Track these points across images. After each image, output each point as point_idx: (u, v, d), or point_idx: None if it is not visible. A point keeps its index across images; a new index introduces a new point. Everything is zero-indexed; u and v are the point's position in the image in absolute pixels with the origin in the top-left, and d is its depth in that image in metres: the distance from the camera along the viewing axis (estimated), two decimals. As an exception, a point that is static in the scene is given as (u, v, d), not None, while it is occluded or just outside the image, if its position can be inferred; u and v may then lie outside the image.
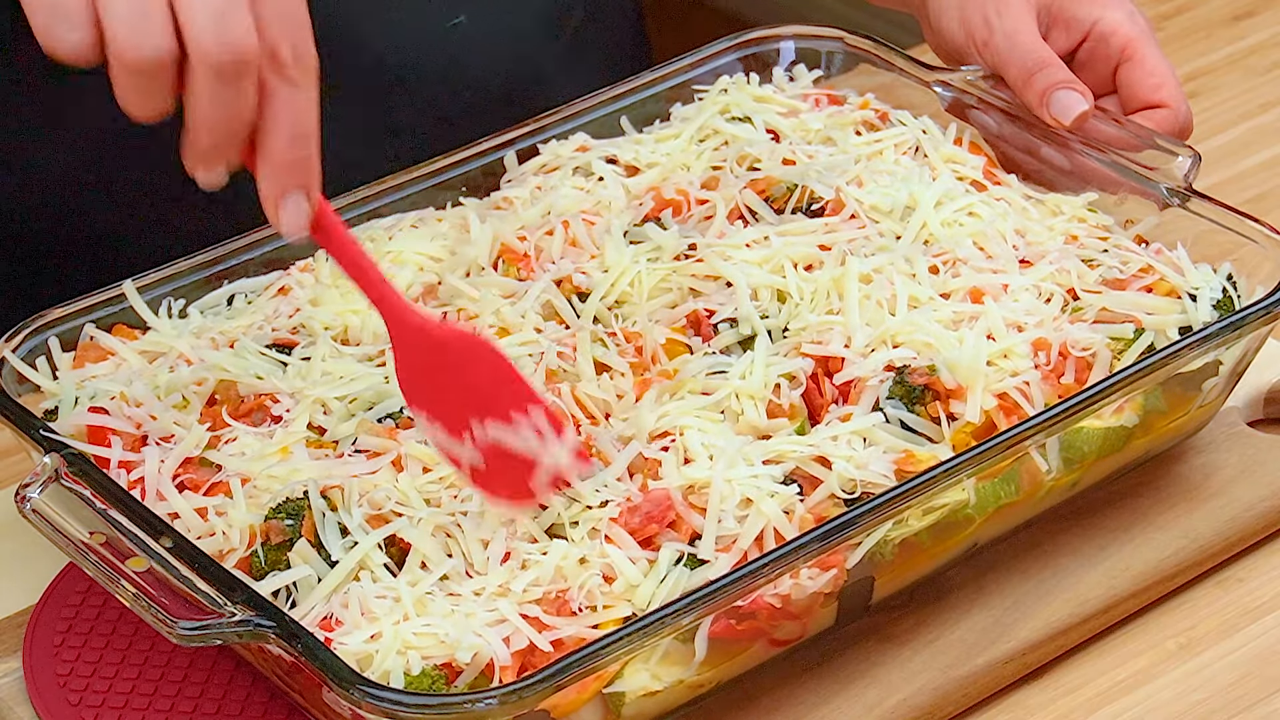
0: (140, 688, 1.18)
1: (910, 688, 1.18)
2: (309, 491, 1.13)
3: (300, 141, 1.04)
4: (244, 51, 1.01)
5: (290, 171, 1.04)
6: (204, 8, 1.00)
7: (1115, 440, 1.23)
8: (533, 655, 1.07)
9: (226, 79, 1.01)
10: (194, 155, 1.04)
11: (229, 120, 1.02)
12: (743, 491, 1.13)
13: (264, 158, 1.04)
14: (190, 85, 1.02)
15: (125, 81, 1.01)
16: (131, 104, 1.02)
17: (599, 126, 1.43)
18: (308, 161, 1.04)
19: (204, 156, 1.03)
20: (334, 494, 1.14)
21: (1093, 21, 1.39)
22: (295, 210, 1.05)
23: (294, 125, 1.03)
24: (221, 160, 1.04)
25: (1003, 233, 1.30)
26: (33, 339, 1.26)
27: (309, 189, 1.05)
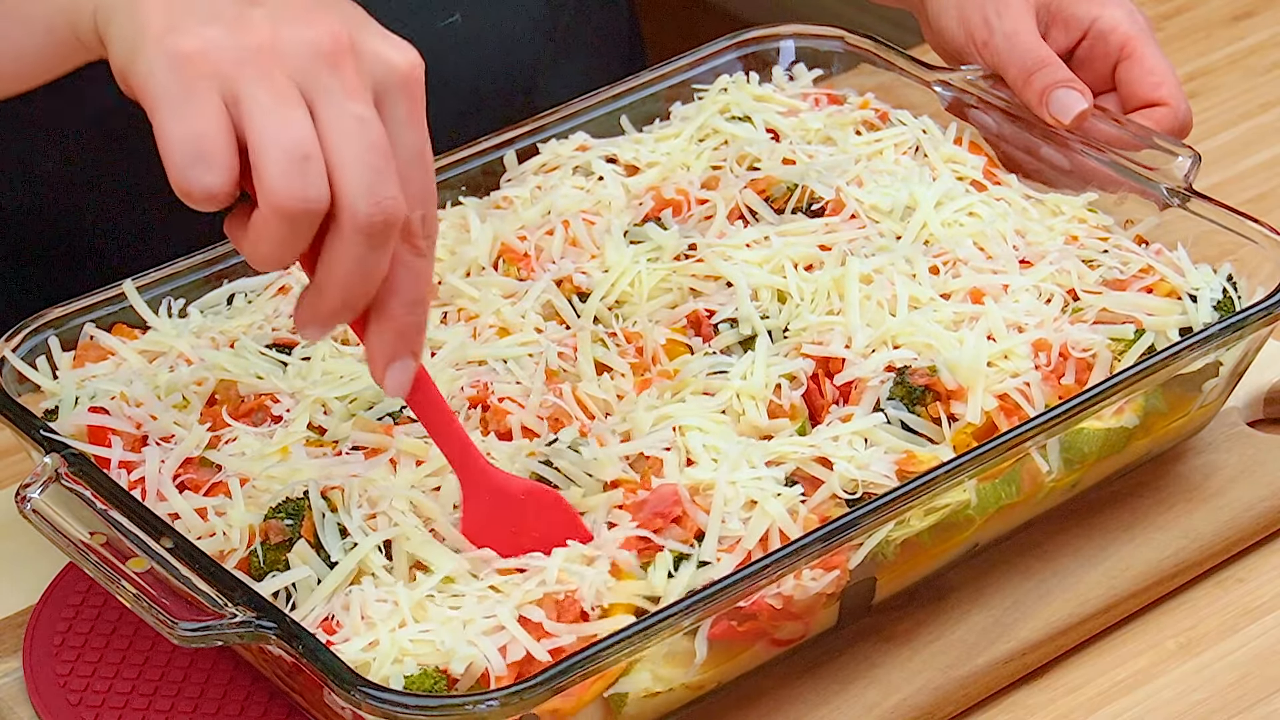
0: (140, 688, 1.18)
1: (910, 688, 1.18)
2: (309, 492, 1.13)
3: (417, 308, 1.04)
4: (394, 216, 1.00)
5: (404, 337, 1.04)
6: (362, 166, 0.99)
7: (1116, 441, 1.23)
8: (530, 664, 1.07)
9: (373, 243, 1.00)
10: (318, 313, 1.03)
11: (364, 282, 1.01)
12: (746, 493, 1.13)
13: (381, 320, 1.04)
14: (334, 243, 1.00)
15: (273, 228, 0.99)
16: (268, 251, 1.00)
17: (599, 126, 1.43)
18: (420, 328, 1.05)
19: (329, 316, 1.03)
20: (334, 494, 1.14)
21: (1092, 19, 1.40)
22: (403, 373, 1.05)
23: (414, 292, 1.04)
24: (342, 320, 1.03)
25: (1003, 233, 1.30)
26: (33, 338, 1.26)
27: (417, 353, 1.06)
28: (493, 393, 1.20)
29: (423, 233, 1.03)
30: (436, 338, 1.24)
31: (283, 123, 0.98)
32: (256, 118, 0.99)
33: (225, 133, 0.99)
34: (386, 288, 1.03)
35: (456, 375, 1.21)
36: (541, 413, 1.20)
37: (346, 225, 1.00)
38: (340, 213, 1.00)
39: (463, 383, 1.21)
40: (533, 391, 1.20)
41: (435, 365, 1.22)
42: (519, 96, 1.52)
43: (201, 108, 0.98)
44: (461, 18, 1.49)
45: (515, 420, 1.19)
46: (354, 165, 0.99)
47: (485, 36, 1.51)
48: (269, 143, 0.98)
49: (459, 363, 1.23)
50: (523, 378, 1.21)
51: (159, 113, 0.99)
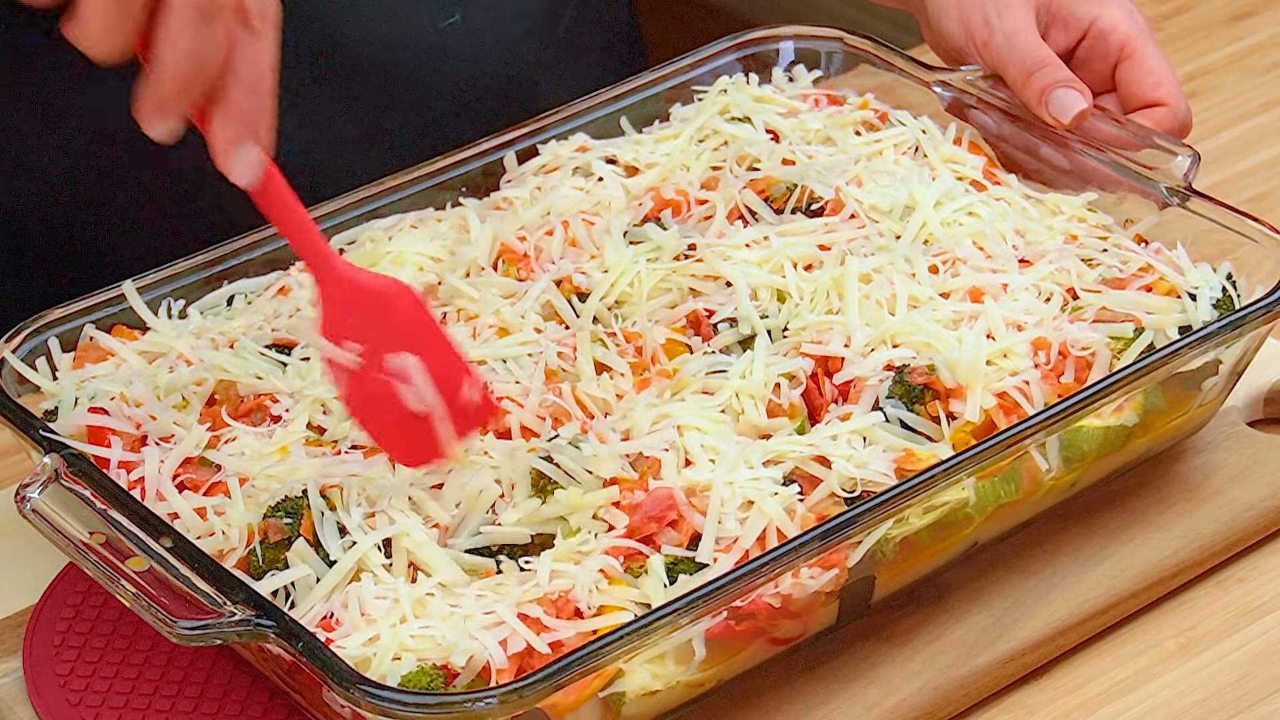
0: (140, 688, 1.18)
1: (910, 688, 1.18)
2: (308, 490, 1.13)
3: (257, 90, 1.03)
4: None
5: (246, 120, 1.03)
6: None
7: (1115, 439, 1.23)
8: (531, 658, 1.07)
9: (205, 15, 0.99)
10: (155, 100, 1.01)
11: (198, 63, 1.00)
12: (744, 494, 1.13)
13: (221, 106, 1.02)
14: (164, 23, 1.00)
15: (100, 4, 0.98)
16: (99, 33, 0.99)
17: (599, 126, 1.43)
18: (263, 111, 1.04)
19: (165, 102, 1.01)
20: (333, 494, 1.14)
21: (1091, 19, 1.40)
22: (248, 159, 1.04)
23: (253, 74, 1.03)
24: (181, 107, 1.02)
25: (1002, 232, 1.30)
26: (33, 339, 1.26)
27: (262, 139, 1.04)
28: (492, 392, 1.20)
29: (258, 12, 1.02)
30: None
31: None
32: None
33: None
34: (225, 72, 1.02)
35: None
36: (541, 412, 1.20)
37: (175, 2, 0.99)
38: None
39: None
40: (532, 391, 1.20)
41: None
42: (519, 97, 1.52)
43: None
44: (461, 18, 1.49)
45: (514, 420, 1.19)
46: None
47: (485, 37, 1.51)
48: None
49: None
50: (522, 377, 1.21)
51: None
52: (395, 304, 1.12)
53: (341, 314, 1.11)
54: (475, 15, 1.50)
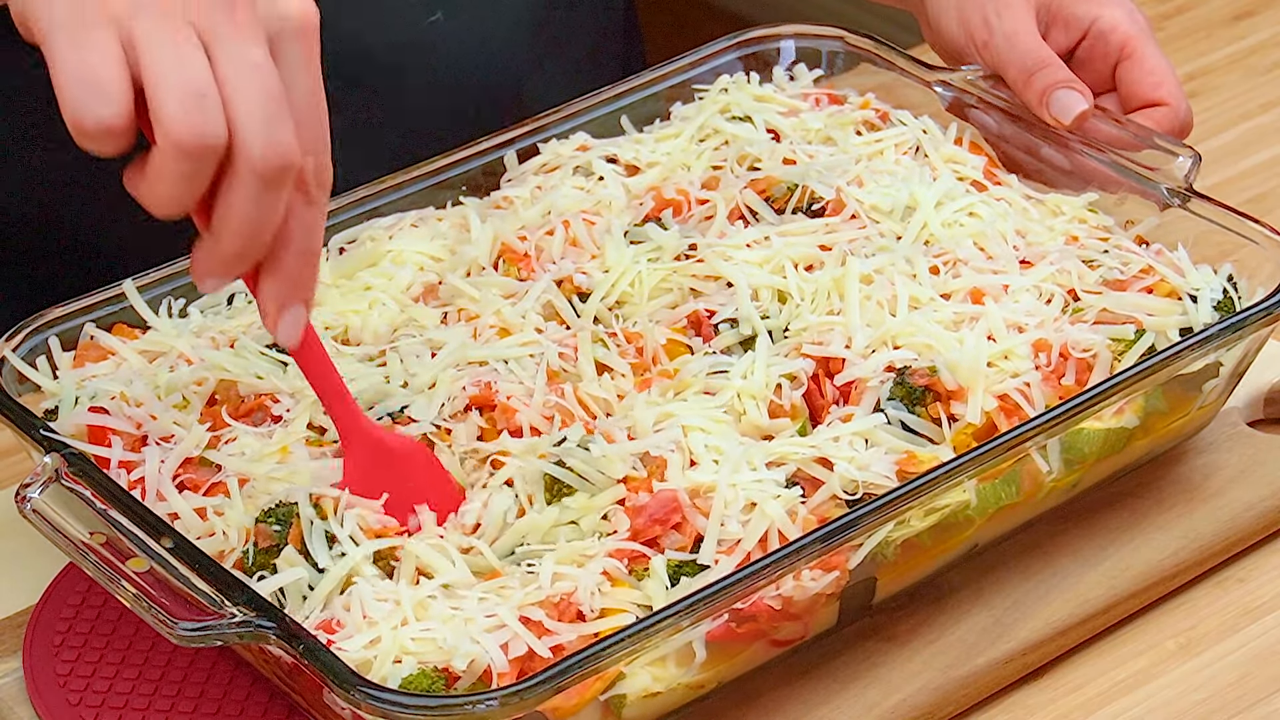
0: (140, 688, 1.18)
1: (910, 688, 1.18)
2: (299, 500, 1.13)
3: (309, 258, 1.05)
4: (290, 160, 1.01)
5: (296, 286, 1.05)
6: (258, 108, 1.00)
7: (1116, 441, 1.23)
8: (532, 661, 1.07)
9: (270, 185, 1.01)
10: (215, 261, 1.03)
11: (260, 227, 1.02)
12: (747, 496, 1.13)
13: (274, 269, 1.05)
14: (230, 187, 1.01)
15: (171, 166, 0.99)
16: (165, 191, 1.00)
17: (599, 126, 1.43)
18: (312, 278, 1.06)
19: (226, 263, 1.03)
20: (326, 502, 1.14)
21: (1092, 19, 1.40)
22: (295, 322, 1.07)
23: (306, 241, 1.05)
24: (237, 270, 1.04)
25: (1003, 233, 1.30)
26: (33, 338, 1.26)
27: (308, 302, 1.07)
28: (498, 391, 1.20)
29: (315, 181, 1.04)
30: (437, 338, 1.25)
31: (179, 61, 0.99)
32: (154, 56, 0.99)
33: (121, 68, 0.99)
34: (279, 237, 1.03)
35: (458, 375, 1.21)
36: (545, 413, 1.20)
37: (243, 167, 1.00)
38: (236, 155, 1.00)
39: (464, 383, 1.21)
40: (535, 391, 1.20)
41: (436, 365, 1.22)
42: (506, 95, 1.52)
43: (98, 43, 0.98)
44: (444, 16, 1.49)
45: (524, 418, 1.19)
46: (249, 107, 1.00)
47: (469, 35, 1.50)
48: (166, 79, 0.99)
49: (459, 363, 1.23)
50: (524, 378, 1.21)
51: (54, 46, 0.99)
52: (413, 460, 1.16)
53: (366, 471, 1.15)
54: (458, 14, 1.49)
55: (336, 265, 1.31)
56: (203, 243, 1.03)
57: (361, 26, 1.47)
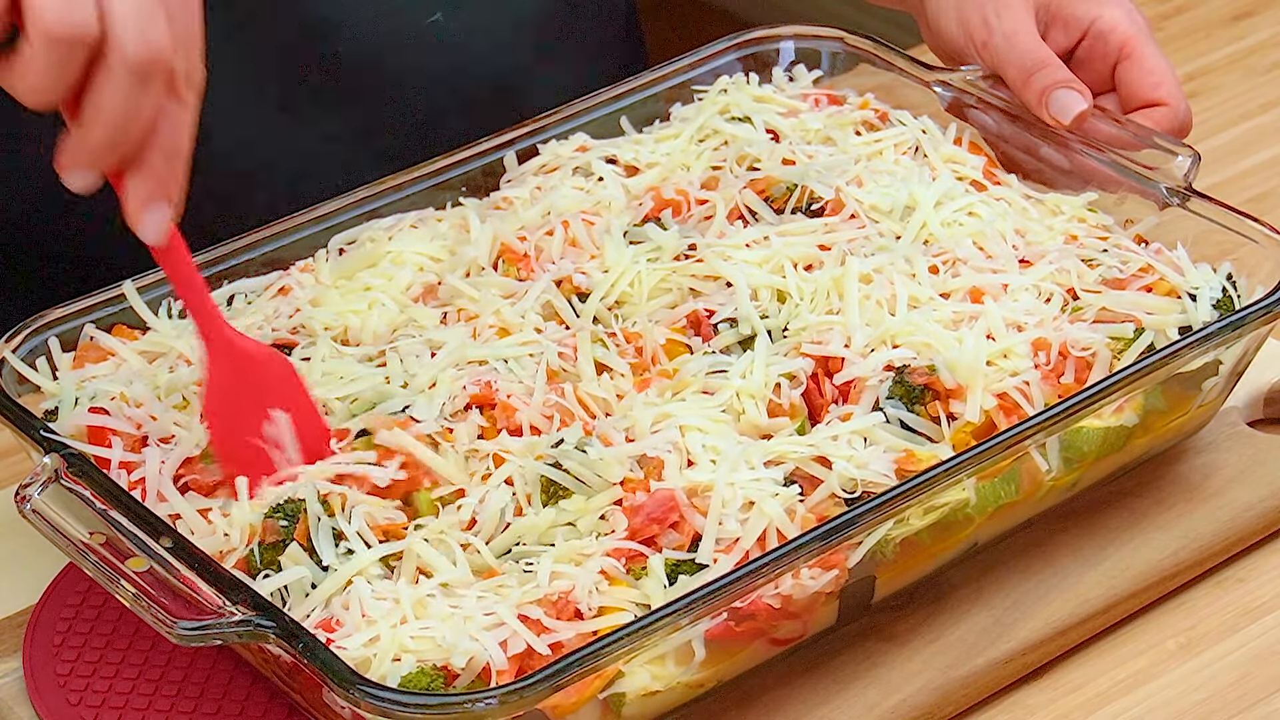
0: (140, 688, 1.18)
1: (910, 688, 1.18)
2: (306, 496, 1.13)
3: (176, 157, 1.06)
4: (162, 55, 1.02)
5: (161, 183, 1.06)
6: (131, 4, 1.01)
7: (1115, 440, 1.23)
8: (531, 659, 1.07)
9: (141, 80, 1.02)
10: (83, 153, 1.04)
11: (129, 121, 1.03)
12: (745, 494, 1.13)
13: (139, 167, 1.06)
14: (100, 79, 1.02)
15: (41, 57, 1.01)
16: (36, 81, 1.01)
17: (599, 126, 1.43)
18: (179, 178, 1.07)
19: (93, 155, 1.04)
20: (334, 499, 1.14)
21: (1091, 20, 1.40)
22: (159, 219, 1.07)
23: (174, 140, 1.06)
24: (103, 164, 1.05)
25: (1002, 232, 1.30)
26: (33, 339, 1.26)
27: (173, 200, 1.08)
28: (498, 390, 1.20)
29: (186, 80, 1.05)
30: (436, 338, 1.25)
31: None
32: None
33: None
34: (148, 135, 1.04)
35: (458, 375, 1.21)
36: (545, 412, 1.20)
37: (115, 60, 1.01)
38: (109, 48, 1.01)
39: (464, 382, 1.21)
40: (535, 390, 1.20)
41: (435, 365, 1.22)
42: (507, 95, 1.52)
43: None
44: (444, 16, 1.49)
45: (524, 418, 1.19)
46: (124, 3, 1.01)
47: (469, 35, 1.51)
48: None
49: (459, 363, 1.23)
50: (524, 377, 1.21)
51: None
52: (272, 369, 1.17)
53: (225, 373, 1.16)
54: (459, 14, 1.49)
55: (336, 266, 1.32)
56: (70, 135, 1.04)
57: (362, 25, 1.47)
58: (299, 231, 1.34)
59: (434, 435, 1.18)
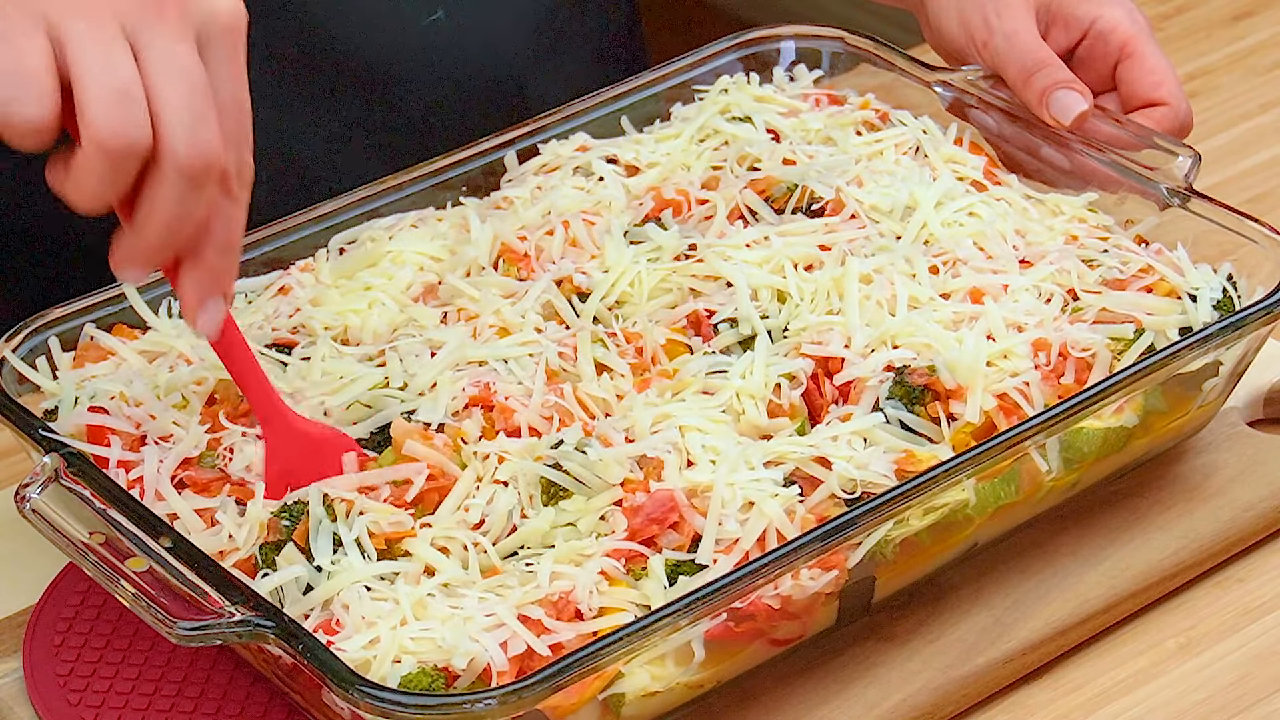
0: (140, 688, 1.18)
1: (910, 688, 1.18)
2: (311, 498, 1.13)
3: (229, 252, 1.08)
4: (214, 159, 1.03)
5: (216, 279, 1.08)
6: (183, 109, 1.02)
7: (1115, 440, 1.23)
8: (531, 660, 1.07)
9: (193, 184, 1.03)
10: (137, 254, 1.06)
11: (182, 224, 1.04)
12: (745, 495, 1.13)
13: (195, 263, 1.08)
14: (154, 183, 1.03)
15: (95, 165, 1.01)
16: (90, 189, 1.02)
17: (599, 126, 1.43)
18: (232, 271, 1.09)
19: (147, 256, 1.06)
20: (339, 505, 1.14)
21: (1092, 19, 1.40)
22: (214, 314, 1.10)
23: (227, 236, 1.07)
24: (160, 263, 1.07)
25: (1003, 233, 1.30)
26: (33, 339, 1.26)
27: (228, 295, 1.10)
28: (496, 391, 1.20)
29: (237, 177, 1.06)
30: (436, 338, 1.25)
31: (107, 61, 1.00)
32: (81, 55, 1.00)
33: (48, 67, 1.00)
34: (201, 232, 1.06)
35: (457, 375, 1.21)
36: (544, 412, 1.20)
37: (167, 165, 1.02)
38: (161, 153, 1.02)
39: (464, 383, 1.21)
40: (535, 391, 1.20)
41: (436, 365, 1.22)
42: (508, 94, 1.52)
43: (25, 42, 1.00)
44: (445, 15, 1.49)
45: (522, 419, 1.19)
46: (176, 107, 1.01)
47: (470, 34, 1.50)
48: (93, 80, 1.00)
49: (459, 363, 1.23)
50: (524, 378, 1.21)
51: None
52: (334, 448, 1.17)
53: (288, 464, 1.17)
54: (459, 13, 1.49)
55: (336, 265, 1.32)
56: (125, 235, 1.06)
57: (362, 25, 1.47)
58: (299, 231, 1.34)
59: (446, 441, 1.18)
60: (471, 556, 1.12)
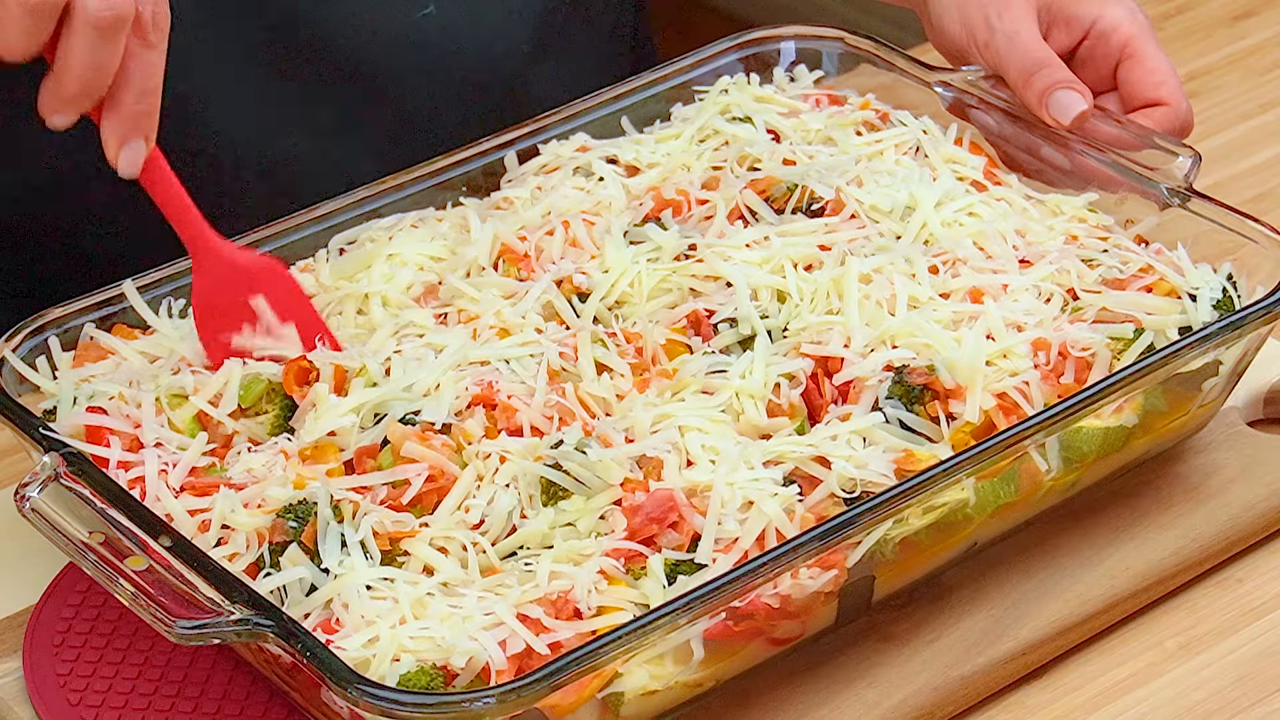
0: (140, 688, 1.18)
1: (910, 688, 1.18)
2: (319, 500, 1.13)
3: (148, 96, 1.17)
4: (123, 11, 1.12)
5: (135, 122, 1.17)
6: None
7: (1115, 440, 1.23)
8: (530, 659, 1.07)
9: (105, 35, 1.12)
10: (58, 100, 1.15)
11: (98, 72, 1.13)
12: (744, 494, 1.13)
13: (114, 108, 1.16)
14: (69, 36, 1.13)
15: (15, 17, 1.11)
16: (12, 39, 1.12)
17: (599, 126, 1.43)
18: (151, 114, 1.17)
19: (68, 102, 1.15)
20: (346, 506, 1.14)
21: (1093, 19, 1.40)
22: (134, 154, 1.18)
23: (145, 81, 1.16)
24: (82, 108, 1.15)
25: (1003, 233, 1.30)
26: (33, 339, 1.26)
27: (149, 137, 1.18)
28: (499, 390, 1.20)
29: (153, 25, 1.15)
30: (438, 340, 1.24)
31: None
32: None
33: None
34: (120, 78, 1.15)
35: (459, 376, 1.21)
36: (546, 412, 1.20)
37: (78, 19, 1.12)
38: (74, 9, 1.12)
39: (466, 383, 1.21)
40: (537, 391, 1.20)
41: (438, 367, 1.22)
42: (503, 90, 1.52)
43: None
44: (436, 9, 1.49)
45: (525, 418, 1.19)
46: None
47: (462, 29, 1.50)
48: None
49: (460, 363, 1.22)
50: (525, 378, 1.21)
51: None
52: (262, 277, 1.25)
53: (215, 290, 1.24)
54: (451, 9, 1.49)
55: (336, 266, 1.31)
56: (48, 81, 1.15)
57: (350, 18, 1.47)
58: (299, 231, 1.34)
59: (448, 440, 1.18)
60: (471, 556, 1.13)
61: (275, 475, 1.17)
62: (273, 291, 1.24)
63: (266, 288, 1.24)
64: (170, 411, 1.22)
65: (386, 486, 1.16)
